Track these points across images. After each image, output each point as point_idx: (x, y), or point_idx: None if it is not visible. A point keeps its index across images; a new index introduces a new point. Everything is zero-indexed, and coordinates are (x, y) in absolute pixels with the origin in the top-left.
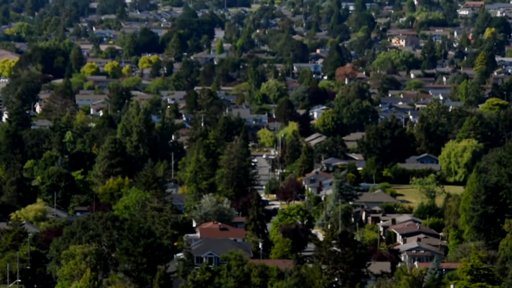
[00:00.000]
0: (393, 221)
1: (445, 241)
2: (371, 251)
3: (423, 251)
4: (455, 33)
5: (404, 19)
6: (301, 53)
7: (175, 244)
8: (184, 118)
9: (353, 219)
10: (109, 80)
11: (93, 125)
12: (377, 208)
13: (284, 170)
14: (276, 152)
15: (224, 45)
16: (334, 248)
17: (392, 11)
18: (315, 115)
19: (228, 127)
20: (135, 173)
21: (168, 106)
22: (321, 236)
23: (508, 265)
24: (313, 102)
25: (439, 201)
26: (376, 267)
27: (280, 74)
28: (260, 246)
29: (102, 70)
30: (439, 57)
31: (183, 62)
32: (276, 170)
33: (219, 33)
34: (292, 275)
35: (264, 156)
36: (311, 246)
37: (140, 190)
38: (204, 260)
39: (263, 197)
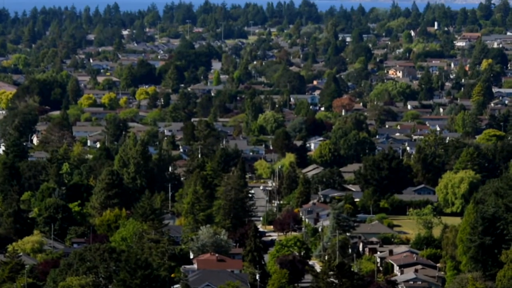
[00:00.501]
0: (390, 252)
1: (442, 272)
2: (369, 282)
3: (420, 282)
4: (452, 65)
5: (401, 50)
6: (298, 85)
7: (172, 275)
8: (181, 150)
9: (350, 250)
10: (106, 111)
11: (90, 156)
12: (374, 239)
13: (281, 201)
14: (273, 184)
15: (221, 76)
16: (332, 279)
17: (389, 43)
18: (312, 147)
19: (225, 158)
20: (132, 204)
21: (165, 138)
22: (318, 267)
23: None
24: (310, 133)
25: (437, 232)
26: None
27: (277, 106)
28: (257, 277)
29: (99, 101)
30: (436, 88)
31: (180, 93)
32: (273, 201)
33: (216, 65)
34: None
35: (261, 188)
36: (308, 277)
37: (137, 222)
38: None
39: (260, 228)
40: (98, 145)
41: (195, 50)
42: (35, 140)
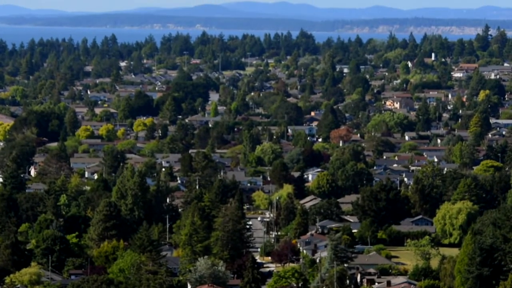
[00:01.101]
0: (388, 283)
1: None
2: None
3: None
4: (450, 95)
5: (399, 81)
6: (296, 116)
7: None
8: (179, 181)
9: (348, 282)
10: (104, 143)
11: (87, 188)
12: (372, 270)
13: (279, 233)
14: (271, 215)
15: (219, 107)
16: None
17: (387, 74)
18: (310, 178)
19: (223, 189)
20: (130, 236)
21: (163, 169)
22: None
23: None
24: (308, 164)
25: (434, 263)
26: None
27: (274, 137)
28: None
29: (97, 133)
30: (433, 119)
31: (178, 125)
32: (271, 232)
33: (214, 96)
34: None
35: (259, 219)
36: None
37: (135, 253)
38: None
39: (258, 259)
40: (95, 176)
41: (193, 81)
42: (32, 172)
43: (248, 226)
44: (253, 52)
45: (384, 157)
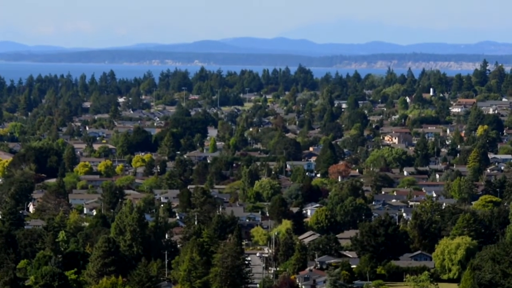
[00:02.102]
0: None
1: None
2: None
3: None
4: (448, 131)
5: (397, 116)
6: (294, 151)
7: None
8: (178, 217)
9: None
10: (102, 179)
11: (86, 224)
12: None
13: (277, 268)
14: (270, 250)
15: (217, 143)
16: None
17: (385, 109)
18: (309, 213)
19: (221, 225)
20: (128, 272)
21: (162, 205)
22: None
23: None
24: (307, 200)
25: None
26: None
27: (273, 172)
28: None
29: (95, 169)
30: (432, 154)
31: (176, 160)
32: (269, 268)
33: (212, 132)
34: None
35: (257, 254)
36: None
37: None
38: None
39: None
40: (94, 212)
41: (191, 117)
42: (31, 208)
43: (247, 262)
44: (252, 87)
45: (383, 192)
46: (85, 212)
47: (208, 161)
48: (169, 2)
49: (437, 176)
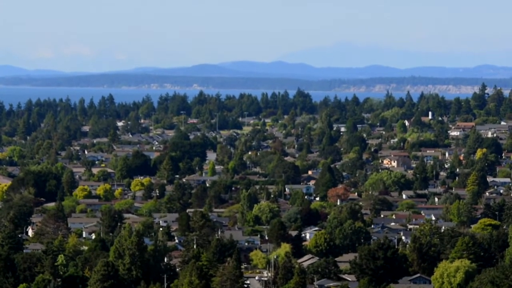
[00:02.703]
0: None
1: None
2: None
3: None
4: (447, 154)
5: (396, 140)
6: (293, 175)
7: None
8: (177, 240)
9: None
10: (101, 203)
11: (85, 248)
12: None
13: None
14: (269, 274)
15: (216, 167)
16: None
17: (384, 132)
18: (308, 237)
19: (220, 249)
20: None
21: (161, 229)
22: None
23: None
24: (306, 223)
25: None
26: None
27: (272, 196)
28: None
29: (94, 193)
30: (431, 177)
31: (175, 184)
32: None
33: (211, 155)
34: None
35: (257, 278)
36: None
37: None
38: None
39: None
40: (93, 236)
41: (190, 141)
42: (30, 232)
43: (246, 286)
44: (250, 111)
45: (382, 216)
46: (84, 235)
47: (207, 184)
48: (168, 26)
49: (436, 199)
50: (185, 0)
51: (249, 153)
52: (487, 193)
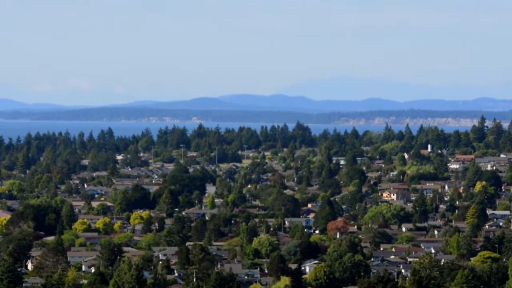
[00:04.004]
0: None
1: None
2: None
3: None
4: (446, 187)
5: (395, 173)
6: (293, 208)
7: None
8: (176, 274)
9: None
10: (100, 236)
11: (85, 282)
12: None
13: None
14: None
15: (216, 200)
16: None
17: (383, 165)
18: (307, 270)
19: (220, 282)
20: None
21: (160, 262)
22: None
23: None
24: (305, 256)
25: None
26: None
27: (271, 229)
28: None
29: (93, 226)
30: (430, 210)
31: (175, 217)
32: None
33: (211, 189)
34: None
35: None
36: None
37: None
38: None
39: None
40: (92, 270)
41: (189, 174)
42: (29, 266)
43: None
44: (250, 144)
45: (381, 249)
46: (83, 269)
47: (207, 218)
48: (167, 61)
49: (436, 232)
50: (184, 36)
51: (249, 186)
52: (486, 226)
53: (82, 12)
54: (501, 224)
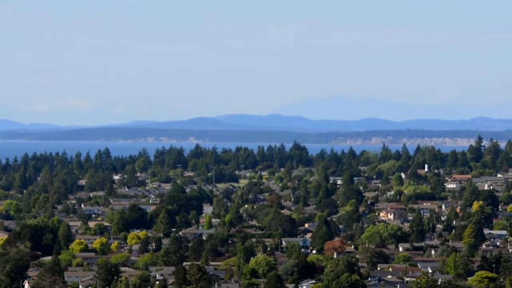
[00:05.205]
0: None
1: None
2: None
3: None
4: (443, 206)
5: (392, 192)
6: (290, 228)
7: None
8: None
9: None
10: (98, 256)
11: None
12: None
13: None
14: None
15: (213, 220)
16: None
17: (380, 185)
18: None
19: None
20: None
21: (157, 282)
22: None
23: None
24: (302, 276)
25: None
26: None
27: (268, 249)
28: None
29: (90, 246)
30: (427, 230)
31: (172, 237)
32: None
33: (208, 209)
34: None
35: None
36: None
37: None
38: None
39: None
40: None
41: (186, 194)
42: (26, 286)
43: None
44: (247, 164)
45: (378, 269)
46: None
47: (204, 237)
48: (164, 81)
49: (433, 252)
50: (181, 56)
51: (246, 206)
52: (483, 246)
53: (79, 33)
54: (498, 243)
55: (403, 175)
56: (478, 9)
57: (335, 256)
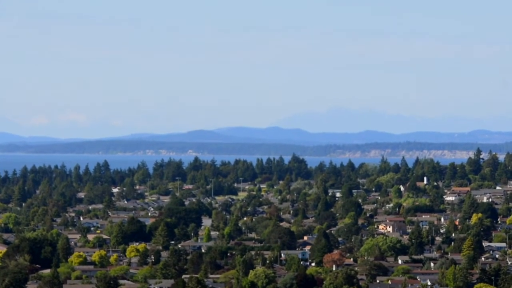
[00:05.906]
0: None
1: None
2: None
3: None
4: (442, 219)
5: (391, 205)
6: (289, 240)
7: None
8: None
9: None
10: (96, 269)
11: None
12: None
13: None
14: None
15: (212, 233)
16: None
17: (379, 198)
18: None
19: None
20: None
21: None
22: None
23: None
24: None
25: None
26: None
27: (268, 261)
28: None
29: (89, 259)
30: (426, 242)
31: (171, 250)
32: None
33: (207, 221)
34: None
35: None
36: None
37: None
38: None
39: None
40: None
41: (185, 207)
42: None
43: None
44: (246, 177)
45: (378, 281)
46: None
47: (203, 250)
48: (163, 94)
49: (432, 264)
50: (180, 69)
51: (245, 218)
52: (482, 258)
53: (78, 46)
54: (497, 256)
55: (402, 188)
56: (478, 22)
57: (334, 269)
